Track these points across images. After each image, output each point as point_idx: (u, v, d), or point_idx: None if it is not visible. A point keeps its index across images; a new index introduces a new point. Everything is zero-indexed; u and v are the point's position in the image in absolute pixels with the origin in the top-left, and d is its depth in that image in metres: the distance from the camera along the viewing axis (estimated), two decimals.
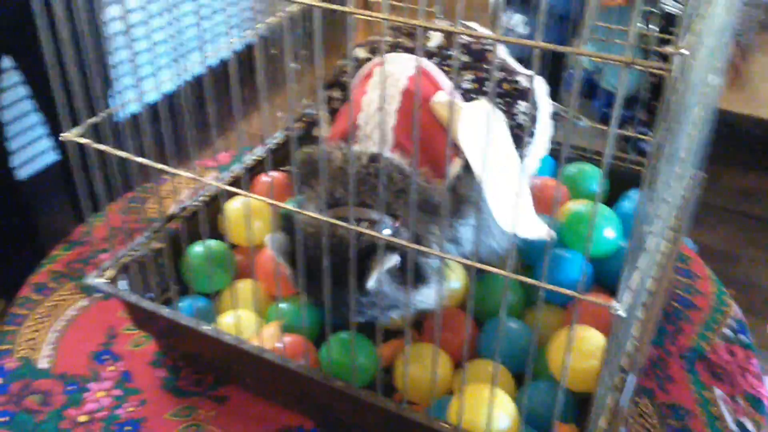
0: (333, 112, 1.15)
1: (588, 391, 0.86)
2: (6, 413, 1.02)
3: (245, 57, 1.09)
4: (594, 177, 1.27)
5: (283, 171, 1.25)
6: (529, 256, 1.12)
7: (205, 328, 0.96)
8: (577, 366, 0.90)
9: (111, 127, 0.93)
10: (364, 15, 0.64)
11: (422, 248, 0.76)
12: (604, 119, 2.45)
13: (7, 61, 1.90)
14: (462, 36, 1.15)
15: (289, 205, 0.82)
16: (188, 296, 1.05)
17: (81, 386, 1.06)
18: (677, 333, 1.15)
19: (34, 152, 2.41)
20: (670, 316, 1.18)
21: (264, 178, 1.26)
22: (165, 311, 0.98)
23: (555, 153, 1.26)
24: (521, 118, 1.04)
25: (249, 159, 1.30)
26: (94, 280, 1.02)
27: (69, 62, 0.86)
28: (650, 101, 1.68)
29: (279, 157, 1.30)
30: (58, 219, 2.03)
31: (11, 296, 1.26)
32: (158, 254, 1.07)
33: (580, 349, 0.90)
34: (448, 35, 1.13)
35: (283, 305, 1.07)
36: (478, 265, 0.70)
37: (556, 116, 1.24)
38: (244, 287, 1.09)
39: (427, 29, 1.07)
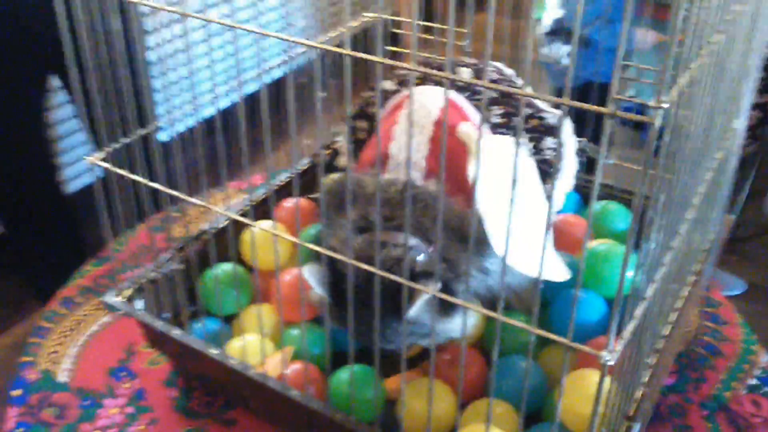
0: (358, 142, 1.17)
1: None
2: (23, 424, 1.04)
3: (275, 87, 1.11)
4: (618, 215, 1.25)
5: (309, 198, 1.27)
6: (545, 293, 1.11)
7: (212, 351, 0.97)
8: (582, 410, 0.88)
9: (155, 148, 0.96)
10: (391, 63, 0.65)
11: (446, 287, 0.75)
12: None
13: (56, 81, 1.98)
14: (491, 72, 1.16)
15: (311, 231, 0.83)
16: (206, 317, 1.07)
17: (96, 401, 1.08)
18: (700, 380, 1.12)
19: (81, 168, 2.49)
20: (694, 363, 1.15)
21: (287, 204, 1.27)
22: (176, 333, 1.00)
23: (580, 188, 1.25)
24: (548, 154, 1.05)
25: (274, 184, 1.31)
26: (112, 298, 1.04)
27: (102, 85, 0.90)
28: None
29: (305, 182, 1.31)
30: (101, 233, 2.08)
31: None
32: (176, 275, 1.09)
33: (586, 393, 0.89)
34: (477, 70, 1.14)
35: (294, 331, 1.08)
36: (503, 319, 0.69)
37: (582, 153, 1.23)
38: (259, 312, 1.10)
39: (451, 80, 1.08)
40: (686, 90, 0.62)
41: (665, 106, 0.50)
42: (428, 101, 1.03)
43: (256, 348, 1.01)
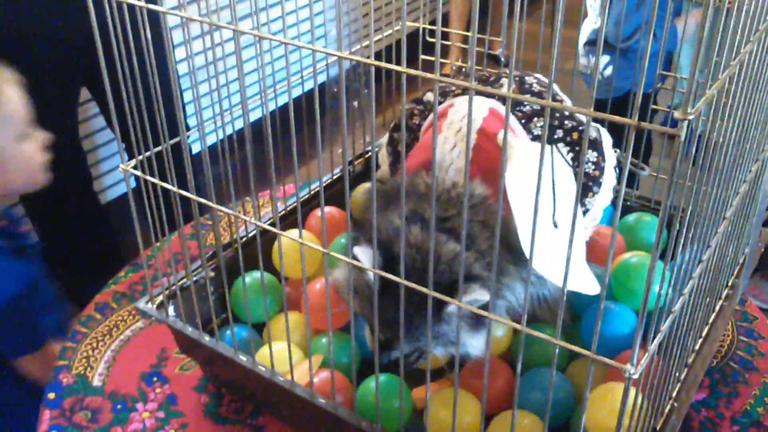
0: (397, 153, 1.17)
1: None
2: (56, 427, 1.06)
3: (306, 98, 1.13)
4: (652, 227, 1.23)
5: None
6: (577, 305, 1.10)
7: (242, 358, 0.98)
8: (609, 424, 0.87)
9: (186, 157, 0.98)
10: (414, 73, 0.65)
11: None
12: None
13: (86, 93, 2.02)
14: (533, 84, 1.15)
15: (342, 239, 0.83)
16: (237, 325, 1.08)
17: (129, 406, 1.10)
18: (732, 395, 1.10)
19: (114, 179, 2.54)
20: (727, 378, 1.13)
21: (319, 213, 1.28)
22: (206, 339, 1.01)
23: (615, 202, 1.24)
24: (589, 167, 1.05)
25: (304, 194, 1.33)
26: (145, 305, 1.06)
27: (135, 95, 0.91)
28: None
29: (336, 192, 1.32)
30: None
31: None
32: (207, 283, 1.10)
33: (613, 407, 0.88)
34: (520, 83, 1.14)
35: (322, 340, 1.09)
36: (527, 330, 0.69)
37: (619, 164, 1.22)
38: (289, 319, 1.11)
39: (478, 92, 1.09)
40: (715, 101, 0.62)
41: (691, 117, 0.50)
42: (477, 101, 1.04)
43: (285, 356, 1.02)
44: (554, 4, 0.59)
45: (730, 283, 1.06)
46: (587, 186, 1.05)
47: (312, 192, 1.33)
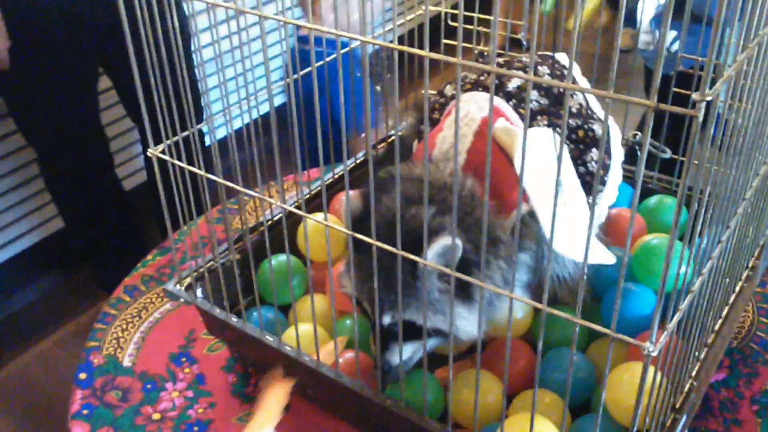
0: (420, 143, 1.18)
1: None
2: (88, 406, 1.10)
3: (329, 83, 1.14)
4: (674, 209, 1.24)
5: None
6: (598, 287, 1.11)
7: (268, 339, 1.00)
8: (630, 402, 0.88)
9: (213, 141, 1.00)
10: (436, 57, 0.66)
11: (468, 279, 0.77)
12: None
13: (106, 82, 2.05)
14: (546, 76, 1.14)
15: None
16: (263, 306, 1.11)
17: (158, 385, 1.13)
18: (752, 376, 1.11)
19: (139, 165, 2.57)
20: (747, 358, 1.14)
21: (343, 197, 1.30)
22: (233, 320, 1.04)
23: (634, 183, 1.25)
24: (593, 166, 1.03)
25: (328, 177, 1.34)
26: (173, 286, 1.09)
27: (159, 80, 0.93)
28: None
29: (359, 175, 1.34)
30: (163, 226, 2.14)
31: None
32: (233, 265, 1.12)
33: (633, 385, 0.89)
34: (535, 71, 1.12)
35: (347, 321, 1.11)
36: (548, 309, 0.70)
37: (639, 146, 1.22)
38: (315, 301, 1.13)
39: (481, 83, 1.08)
40: (733, 82, 0.63)
41: (708, 98, 0.51)
42: (472, 109, 1.03)
43: (310, 336, 1.04)
44: None
45: (750, 264, 1.07)
46: (591, 184, 1.03)
47: (336, 176, 1.35)
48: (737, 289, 1.02)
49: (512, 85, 1.08)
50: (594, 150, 1.03)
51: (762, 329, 1.20)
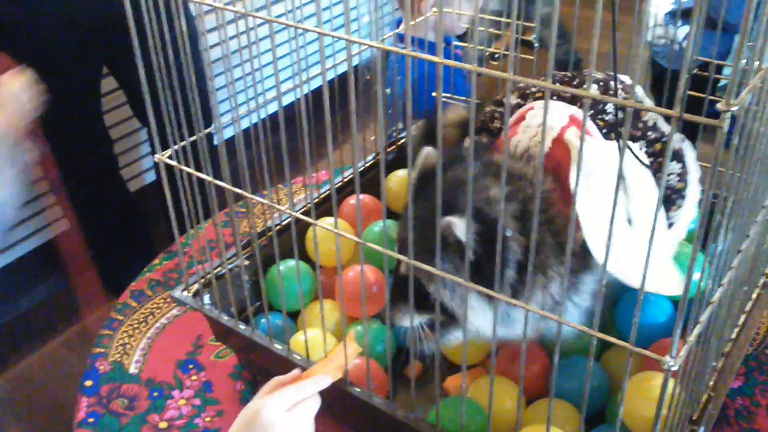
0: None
1: None
2: (93, 414, 1.08)
3: (339, 83, 1.13)
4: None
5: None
6: (612, 294, 1.09)
7: (277, 346, 0.99)
8: (645, 413, 0.87)
9: (219, 145, 0.98)
10: (449, 63, 0.64)
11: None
12: None
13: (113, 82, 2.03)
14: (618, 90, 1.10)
15: (374, 228, 0.83)
16: (272, 313, 1.09)
17: (165, 393, 1.12)
18: None
19: (143, 167, 2.55)
20: (763, 366, 1.12)
21: (352, 201, 1.29)
22: (241, 327, 1.02)
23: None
24: (673, 179, 1.00)
25: (337, 181, 1.33)
26: (180, 293, 1.07)
27: (168, 84, 0.92)
28: None
29: (369, 179, 1.32)
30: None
31: None
32: (241, 271, 1.11)
33: (649, 396, 0.87)
34: (605, 88, 1.09)
35: (358, 328, 1.10)
36: (566, 322, 0.68)
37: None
38: (324, 307, 1.12)
39: (555, 91, 1.04)
40: (758, 91, 0.61)
41: (734, 108, 0.49)
42: (550, 117, 1.00)
43: (320, 343, 1.03)
44: None
45: (766, 271, 1.05)
46: (670, 198, 1.00)
47: (345, 179, 1.33)
48: (754, 296, 1.00)
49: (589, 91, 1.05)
50: (673, 163, 1.00)
51: None
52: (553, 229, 0.88)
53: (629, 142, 0.95)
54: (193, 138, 0.97)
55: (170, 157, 0.97)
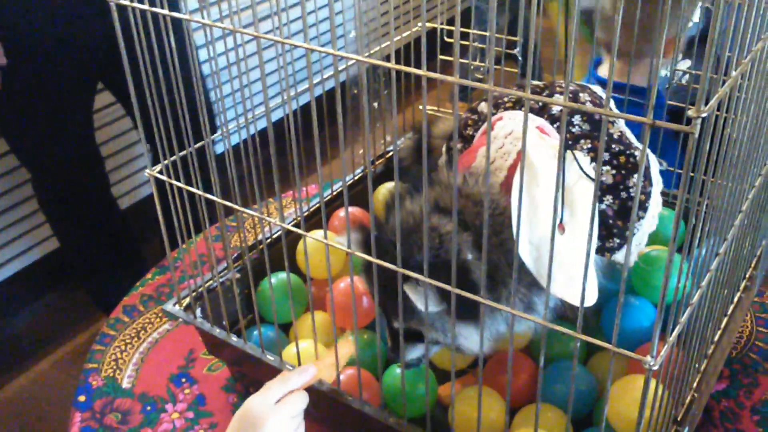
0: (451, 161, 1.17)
1: None
2: (87, 429, 1.09)
3: (327, 98, 1.15)
4: (671, 221, 1.24)
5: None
6: (599, 299, 1.11)
7: (269, 357, 1.00)
8: (631, 415, 0.88)
9: (210, 160, 1.00)
10: (434, 76, 0.66)
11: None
12: None
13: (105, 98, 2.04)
14: (587, 100, 1.11)
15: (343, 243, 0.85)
16: (263, 325, 1.11)
17: (158, 407, 1.13)
18: (752, 386, 1.11)
19: (139, 180, 2.56)
20: (747, 368, 1.14)
21: (341, 213, 1.30)
22: (233, 340, 1.04)
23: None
24: (634, 192, 0.99)
25: (326, 195, 1.35)
26: (172, 307, 1.08)
27: (159, 100, 0.94)
28: None
29: (357, 192, 1.34)
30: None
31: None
32: (232, 285, 1.12)
33: (634, 398, 0.89)
34: (574, 99, 1.10)
35: (350, 337, 1.11)
36: (549, 325, 0.70)
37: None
38: (315, 319, 1.14)
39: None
40: (728, 98, 0.63)
41: (704, 115, 0.52)
42: (517, 128, 1.01)
43: (311, 354, 1.04)
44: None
45: (747, 275, 1.07)
46: (631, 211, 0.99)
47: (334, 193, 1.35)
48: (735, 299, 1.02)
49: (556, 108, 1.06)
50: (635, 176, 1.00)
51: (761, 339, 1.20)
52: (508, 249, 0.89)
53: (580, 155, 0.96)
54: (183, 153, 0.99)
55: (160, 172, 0.98)
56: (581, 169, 0.95)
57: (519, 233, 0.78)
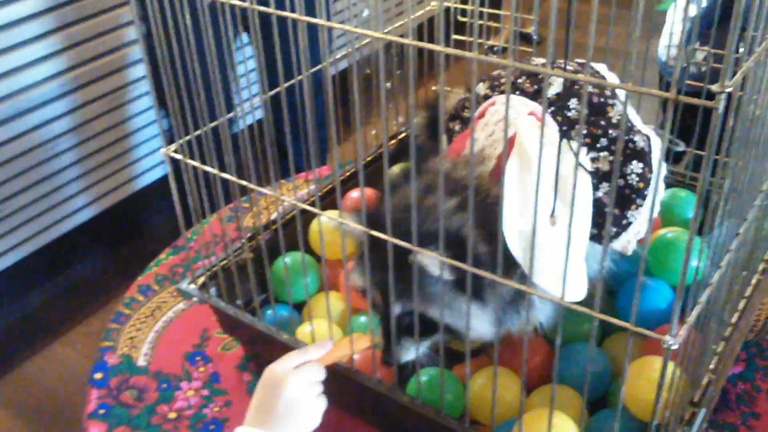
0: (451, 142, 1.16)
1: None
2: (104, 406, 1.10)
3: (340, 78, 1.14)
4: (688, 202, 1.23)
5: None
6: (613, 282, 1.11)
7: (284, 336, 1.01)
8: (646, 397, 0.88)
9: (225, 139, 0.99)
10: (454, 52, 0.65)
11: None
12: None
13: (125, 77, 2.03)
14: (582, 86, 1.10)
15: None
16: (277, 305, 1.11)
17: (173, 385, 1.13)
18: None
19: (156, 160, 2.55)
20: (764, 351, 1.13)
21: (354, 194, 1.30)
22: (247, 318, 1.04)
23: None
24: (633, 179, 0.98)
25: (340, 174, 1.34)
26: (187, 285, 1.09)
27: (175, 79, 0.93)
28: None
29: (371, 173, 1.34)
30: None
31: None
32: (246, 264, 1.12)
33: (650, 380, 0.89)
34: (571, 82, 1.05)
35: (362, 318, 1.11)
36: (567, 304, 0.70)
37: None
38: (328, 298, 1.14)
39: (518, 86, 1.04)
40: (751, 74, 0.62)
41: (728, 90, 0.51)
42: (516, 105, 1.01)
43: (325, 334, 1.04)
44: None
45: (766, 257, 1.06)
46: (629, 198, 0.99)
47: (347, 173, 1.34)
48: (754, 281, 1.01)
49: (551, 92, 1.04)
50: (634, 162, 0.98)
51: None
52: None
53: (573, 144, 0.94)
54: (198, 132, 0.99)
55: (176, 151, 0.98)
56: (574, 155, 0.93)
57: (506, 222, 0.78)
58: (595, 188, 0.95)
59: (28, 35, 2.03)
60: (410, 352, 0.93)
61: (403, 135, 1.44)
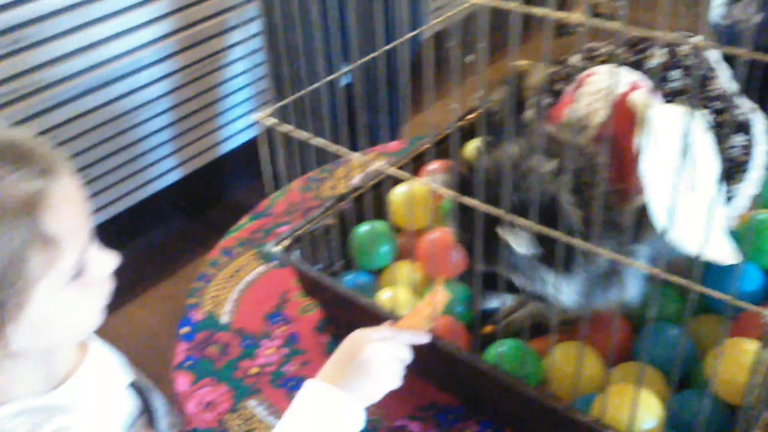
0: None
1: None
2: (191, 357, 1.14)
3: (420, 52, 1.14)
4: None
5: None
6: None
7: (363, 300, 1.02)
8: (734, 378, 0.87)
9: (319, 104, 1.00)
10: (560, 15, 0.65)
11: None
12: None
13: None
14: (689, 56, 1.07)
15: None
16: (356, 272, 1.13)
17: (255, 342, 1.17)
18: None
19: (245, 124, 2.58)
20: None
21: (430, 167, 1.30)
22: (328, 281, 1.06)
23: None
24: (736, 152, 0.97)
25: (418, 147, 1.34)
26: (272, 248, 1.11)
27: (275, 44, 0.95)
28: None
29: (445, 148, 1.33)
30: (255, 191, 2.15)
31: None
32: (329, 230, 1.15)
33: (739, 361, 0.87)
34: (673, 54, 1.04)
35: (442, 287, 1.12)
36: (665, 276, 0.69)
37: None
38: (404, 267, 1.15)
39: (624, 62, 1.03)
40: None
41: None
42: (609, 84, 1.00)
43: (403, 299, 1.06)
44: None
45: None
46: (732, 171, 0.97)
47: (422, 147, 1.35)
48: None
49: (654, 62, 1.02)
50: (738, 135, 0.97)
51: None
52: (604, 204, 0.87)
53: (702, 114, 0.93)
54: (293, 97, 1.00)
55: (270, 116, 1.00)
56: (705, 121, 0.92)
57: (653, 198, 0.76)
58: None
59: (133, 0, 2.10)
60: (493, 303, 0.93)
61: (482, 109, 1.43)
